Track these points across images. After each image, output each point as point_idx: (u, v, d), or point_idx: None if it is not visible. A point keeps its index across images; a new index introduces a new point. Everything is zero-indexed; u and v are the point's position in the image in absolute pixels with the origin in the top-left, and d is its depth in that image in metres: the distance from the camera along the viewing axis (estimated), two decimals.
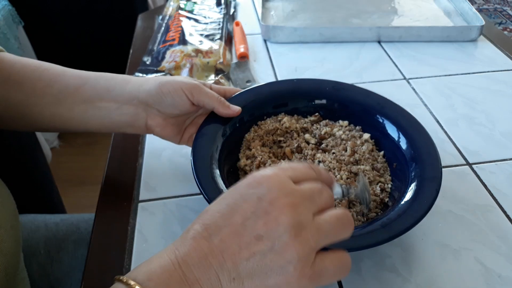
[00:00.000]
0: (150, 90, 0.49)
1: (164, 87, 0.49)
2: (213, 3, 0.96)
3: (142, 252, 0.47)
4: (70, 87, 0.49)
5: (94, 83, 0.50)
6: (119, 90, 0.49)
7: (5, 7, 1.16)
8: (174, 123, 0.52)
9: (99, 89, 0.49)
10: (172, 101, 0.49)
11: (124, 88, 0.50)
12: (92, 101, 0.49)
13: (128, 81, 0.50)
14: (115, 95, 0.49)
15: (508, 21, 2.58)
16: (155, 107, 0.50)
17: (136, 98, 0.49)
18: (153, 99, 0.49)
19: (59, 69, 0.50)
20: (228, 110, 0.51)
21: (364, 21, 0.90)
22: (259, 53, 0.82)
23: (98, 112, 0.49)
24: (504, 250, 0.47)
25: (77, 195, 1.43)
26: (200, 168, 0.47)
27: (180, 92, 0.49)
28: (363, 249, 0.41)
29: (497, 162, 0.57)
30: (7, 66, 0.48)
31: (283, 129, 0.57)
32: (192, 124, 0.54)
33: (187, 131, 0.54)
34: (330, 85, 0.60)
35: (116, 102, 0.49)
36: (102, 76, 0.51)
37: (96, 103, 0.49)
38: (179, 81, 0.49)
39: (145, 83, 0.50)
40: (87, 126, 0.51)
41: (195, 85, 0.50)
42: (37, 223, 0.67)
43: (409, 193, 0.46)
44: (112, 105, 0.49)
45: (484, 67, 0.77)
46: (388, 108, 0.56)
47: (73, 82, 0.49)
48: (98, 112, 0.49)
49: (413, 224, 0.42)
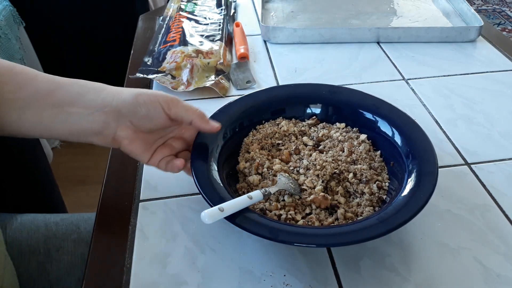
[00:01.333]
0: (125, 99, 0.47)
1: (141, 97, 0.47)
2: (214, 4, 0.97)
3: (143, 251, 0.47)
4: (41, 91, 0.47)
5: (68, 88, 0.48)
6: (92, 96, 0.48)
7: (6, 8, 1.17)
8: (143, 139, 0.49)
9: (71, 93, 0.48)
10: (147, 112, 0.47)
11: (98, 94, 0.48)
12: (63, 106, 0.47)
13: (104, 89, 0.49)
14: (87, 101, 0.47)
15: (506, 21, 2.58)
16: (128, 118, 0.48)
17: (109, 105, 0.47)
18: (127, 108, 0.47)
19: (31, 73, 0.49)
20: (207, 125, 0.49)
21: (363, 22, 0.90)
22: (259, 54, 0.82)
23: (68, 118, 0.47)
24: (503, 250, 0.47)
25: (78, 194, 1.43)
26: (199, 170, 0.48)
27: (157, 104, 0.47)
28: (361, 242, 0.42)
29: (495, 162, 0.58)
30: None
31: (281, 133, 0.57)
32: (165, 146, 0.51)
33: (160, 151, 0.51)
34: (326, 89, 0.61)
35: (87, 108, 0.47)
36: (76, 82, 0.49)
37: (66, 108, 0.47)
38: (157, 93, 0.48)
39: (121, 92, 0.48)
40: (54, 132, 0.49)
41: (173, 98, 0.48)
42: (37, 223, 0.67)
43: (406, 189, 0.46)
44: (83, 111, 0.47)
45: (483, 67, 0.77)
46: (383, 109, 0.57)
47: (45, 86, 0.48)
48: (67, 118, 0.47)
49: (410, 218, 0.42)
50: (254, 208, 0.48)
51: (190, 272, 0.45)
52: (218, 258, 0.46)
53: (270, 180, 0.51)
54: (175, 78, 0.73)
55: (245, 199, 0.44)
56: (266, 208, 0.48)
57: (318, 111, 0.60)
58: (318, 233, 0.43)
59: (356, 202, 0.50)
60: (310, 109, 0.60)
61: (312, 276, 0.44)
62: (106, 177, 0.57)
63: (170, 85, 0.71)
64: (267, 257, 0.46)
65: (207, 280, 0.44)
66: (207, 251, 0.47)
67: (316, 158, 0.53)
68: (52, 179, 1.16)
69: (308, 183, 0.50)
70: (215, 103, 0.67)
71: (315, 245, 0.43)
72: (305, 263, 0.46)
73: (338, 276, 0.45)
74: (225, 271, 0.45)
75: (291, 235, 0.42)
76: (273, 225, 0.43)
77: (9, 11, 1.18)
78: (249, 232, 0.42)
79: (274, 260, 0.46)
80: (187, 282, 0.44)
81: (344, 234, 0.42)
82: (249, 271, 0.45)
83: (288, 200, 0.49)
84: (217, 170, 0.49)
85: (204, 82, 0.72)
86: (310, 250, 0.47)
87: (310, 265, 0.46)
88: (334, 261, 0.46)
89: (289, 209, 0.48)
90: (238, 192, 0.51)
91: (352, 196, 0.51)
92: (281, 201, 0.49)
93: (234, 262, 0.46)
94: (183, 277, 0.45)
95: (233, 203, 0.43)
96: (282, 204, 0.49)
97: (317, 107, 0.60)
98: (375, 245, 0.47)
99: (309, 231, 0.44)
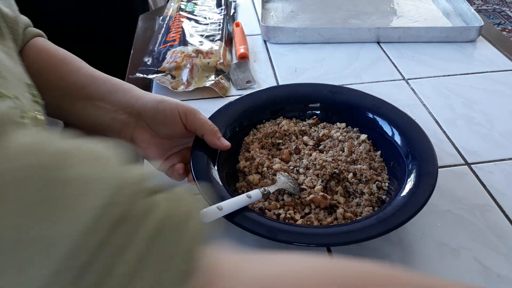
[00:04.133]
0: (147, 103, 0.50)
1: (161, 104, 0.50)
2: (214, 4, 0.97)
3: None
4: (78, 83, 0.51)
5: (101, 84, 0.51)
6: (120, 95, 0.51)
7: None
8: (159, 144, 0.51)
9: (103, 90, 0.51)
10: (165, 119, 0.50)
11: (124, 95, 0.51)
12: (93, 100, 0.50)
13: (131, 90, 0.52)
14: (114, 99, 0.51)
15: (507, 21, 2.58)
16: (146, 121, 0.50)
17: (131, 107, 0.50)
18: (146, 112, 0.50)
19: (76, 64, 0.52)
20: (217, 141, 0.51)
21: (363, 22, 0.90)
22: (259, 54, 0.82)
23: (95, 111, 0.51)
24: (503, 250, 0.47)
25: None
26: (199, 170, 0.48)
27: (175, 113, 0.50)
28: (359, 242, 0.42)
29: (495, 162, 0.58)
30: (35, 53, 0.50)
31: (282, 132, 0.57)
32: (177, 154, 0.53)
33: (171, 160, 0.52)
34: (327, 88, 0.61)
35: (113, 105, 0.50)
36: (110, 79, 0.52)
37: (95, 102, 0.50)
38: (178, 102, 0.50)
39: (145, 96, 0.51)
40: (83, 122, 0.52)
41: (191, 109, 0.50)
42: None
43: (405, 189, 0.46)
44: (109, 108, 0.50)
45: (483, 67, 0.77)
46: (384, 109, 0.57)
47: (82, 79, 0.51)
48: (94, 111, 0.51)
49: (409, 218, 0.42)
50: (253, 207, 0.48)
51: None
52: None
53: (270, 179, 0.51)
54: (175, 78, 0.73)
55: (243, 198, 0.44)
56: (265, 207, 0.48)
57: (319, 111, 0.60)
58: (317, 233, 0.43)
59: (356, 202, 0.49)
60: (310, 109, 0.60)
61: None
62: None
63: (170, 85, 0.71)
64: None
65: None
66: None
67: (316, 158, 0.53)
68: None
69: (307, 182, 0.50)
70: (215, 103, 0.67)
71: (314, 244, 0.43)
72: None
73: None
74: None
75: (290, 234, 0.42)
76: (272, 224, 0.43)
77: None
78: (248, 231, 0.42)
79: None
80: None
81: (343, 234, 0.42)
82: None
83: (287, 200, 0.49)
84: (216, 169, 0.49)
85: (204, 82, 0.72)
86: (310, 250, 0.47)
87: None
88: None
89: (288, 208, 0.48)
90: (238, 191, 0.51)
91: (351, 196, 0.51)
92: (280, 201, 0.49)
93: None
94: None
95: (232, 202, 0.43)
96: (282, 204, 0.48)
97: (317, 107, 0.60)
98: (375, 245, 0.47)
99: (308, 230, 0.43)
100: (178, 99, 0.69)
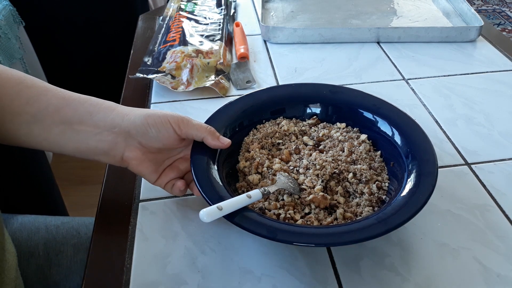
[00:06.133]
0: (135, 120, 0.47)
1: (150, 118, 0.47)
2: (214, 4, 0.97)
3: (143, 251, 0.47)
4: (50, 107, 0.47)
5: (77, 105, 0.48)
6: (102, 115, 0.48)
7: (6, 7, 1.17)
8: (152, 159, 0.50)
9: (81, 112, 0.48)
10: (157, 133, 0.48)
11: (107, 114, 0.48)
12: (71, 124, 0.47)
13: (114, 109, 0.49)
14: (97, 120, 0.48)
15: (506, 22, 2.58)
16: (137, 139, 0.48)
17: (118, 126, 0.48)
18: (136, 129, 0.48)
19: (42, 87, 0.48)
20: (217, 142, 0.50)
21: (363, 22, 0.90)
22: (259, 54, 0.82)
23: (76, 135, 0.48)
24: (503, 250, 0.47)
25: (78, 194, 1.44)
26: (199, 170, 0.48)
27: (167, 125, 0.47)
28: (359, 242, 0.42)
29: (495, 162, 0.58)
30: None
31: (282, 132, 0.57)
32: (172, 168, 0.52)
33: (166, 174, 0.51)
34: (327, 88, 0.61)
35: (96, 127, 0.48)
36: (87, 99, 0.49)
37: (75, 126, 0.47)
38: (166, 114, 0.48)
39: (131, 112, 0.48)
40: (61, 149, 0.49)
41: (183, 118, 0.49)
42: (38, 225, 0.67)
43: (405, 189, 0.46)
44: (92, 130, 0.48)
45: (483, 67, 0.77)
46: (384, 109, 0.57)
47: (54, 102, 0.47)
48: (75, 136, 0.48)
49: (408, 218, 0.42)
50: (254, 207, 0.48)
51: (190, 272, 0.45)
52: (218, 258, 0.46)
53: (270, 180, 0.51)
54: (175, 78, 0.73)
55: (244, 198, 0.44)
56: (265, 207, 0.48)
57: (319, 111, 0.60)
58: (317, 233, 0.43)
59: (356, 202, 0.50)
60: (310, 109, 0.60)
61: (312, 276, 0.44)
62: (106, 177, 0.57)
63: (170, 85, 0.71)
64: (267, 257, 0.46)
65: (207, 280, 0.44)
66: (207, 251, 0.47)
67: (316, 158, 0.53)
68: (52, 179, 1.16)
69: (307, 182, 0.50)
70: (215, 103, 0.67)
71: (314, 244, 0.43)
72: (305, 263, 0.46)
73: (338, 276, 0.44)
74: (225, 271, 0.45)
75: (290, 234, 0.42)
76: (272, 224, 0.43)
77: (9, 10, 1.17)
78: (248, 231, 0.42)
79: (274, 260, 0.46)
80: (187, 282, 0.44)
81: (343, 234, 0.42)
82: (249, 271, 0.45)
83: (287, 200, 0.49)
84: (216, 169, 0.49)
85: (204, 82, 0.72)
86: (310, 250, 0.47)
87: (310, 265, 0.45)
88: (334, 261, 0.46)
89: (288, 208, 0.48)
90: (238, 191, 0.51)
91: (351, 196, 0.51)
92: (280, 201, 0.49)
93: (234, 262, 0.46)
94: (183, 277, 0.45)
95: (232, 202, 0.43)
96: (281, 204, 0.49)
97: (317, 106, 0.60)
98: (375, 245, 0.47)
99: (308, 230, 0.43)
100: (178, 99, 0.70)
